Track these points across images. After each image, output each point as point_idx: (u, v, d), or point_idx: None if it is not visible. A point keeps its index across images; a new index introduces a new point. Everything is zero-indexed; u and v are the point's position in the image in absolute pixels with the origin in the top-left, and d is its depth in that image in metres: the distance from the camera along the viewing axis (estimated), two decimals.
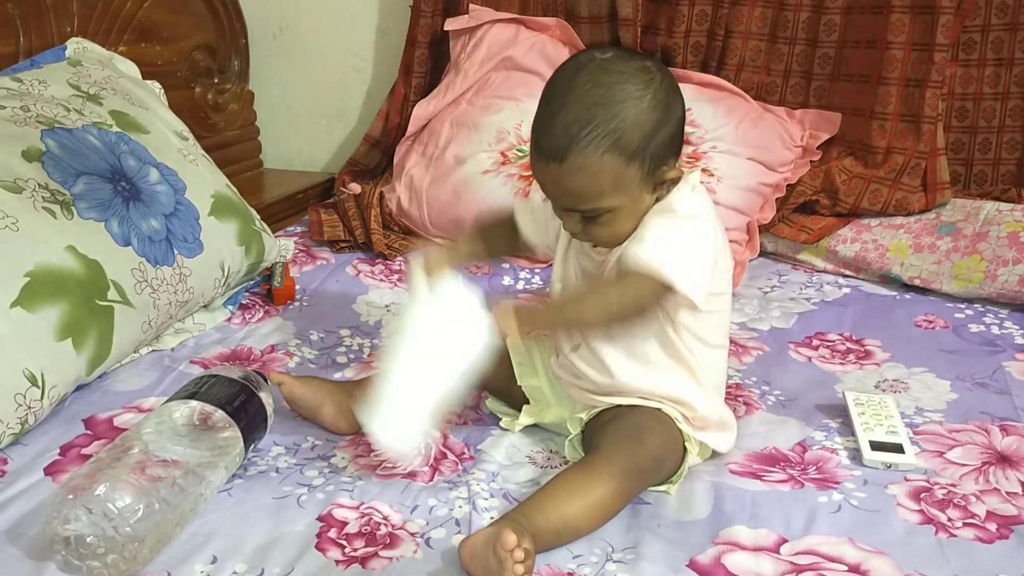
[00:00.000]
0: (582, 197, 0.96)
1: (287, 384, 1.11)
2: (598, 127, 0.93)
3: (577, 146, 0.93)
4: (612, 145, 0.93)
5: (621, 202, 0.97)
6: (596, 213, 0.97)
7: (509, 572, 0.80)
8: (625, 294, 0.96)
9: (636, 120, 0.94)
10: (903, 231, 1.66)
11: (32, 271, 1.11)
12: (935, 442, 1.11)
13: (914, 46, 1.70)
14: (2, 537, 0.91)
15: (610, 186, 0.95)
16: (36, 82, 1.38)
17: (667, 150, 0.98)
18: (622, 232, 1.00)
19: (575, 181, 0.95)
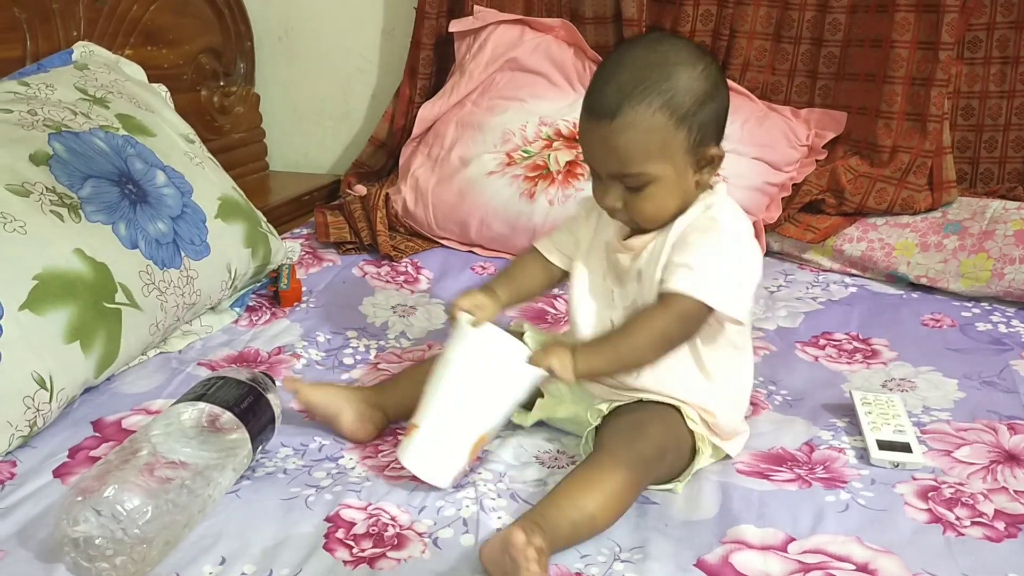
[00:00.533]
0: (630, 158, 0.97)
1: (303, 392, 1.11)
2: (651, 86, 0.95)
3: (629, 102, 0.95)
4: (664, 104, 0.95)
5: (666, 171, 0.97)
6: (641, 182, 0.98)
7: (524, 570, 0.80)
8: (674, 323, 0.97)
9: (688, 84, 0.96)
10: (909, 230, 1.66)
11: (40, 274, 1.12)
12: (943, 441, 1.10)
13: (919, 45, 1.69)
14: (12, 539, 0.92)
15: (657, 148, 0.96)
16: (43, 86, 1.38)
17: (713, 126, 1.00)
18: (665, 209, 1.00)
19: (625, 138, 0.96)
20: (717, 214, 1.01)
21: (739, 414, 1.08)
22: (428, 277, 1.67)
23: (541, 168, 1.73)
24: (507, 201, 1.72)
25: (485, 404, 0.99)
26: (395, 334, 1.44)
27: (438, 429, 0.99)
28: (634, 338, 0.98)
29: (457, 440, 0.98)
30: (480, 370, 0.99)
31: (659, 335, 0.97)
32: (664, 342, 0.98)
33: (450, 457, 0.98)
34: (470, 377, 0.99)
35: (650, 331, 0.97)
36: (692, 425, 1.02)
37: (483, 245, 1.78)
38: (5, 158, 1.19)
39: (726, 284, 0.97)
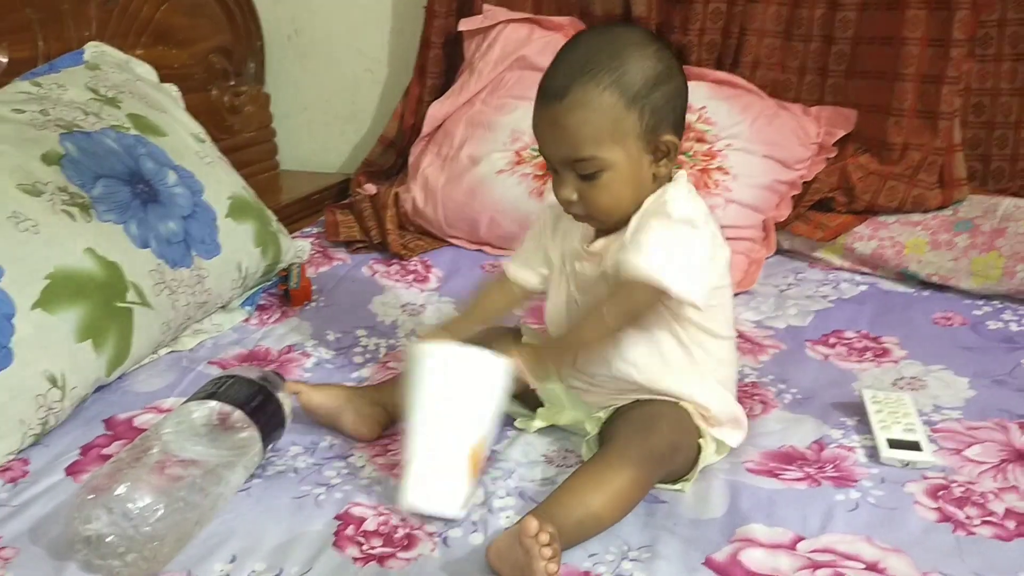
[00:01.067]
0: (580, 139, 0.96)
1: (304, 393, 1.12)
2: (600, 64, 0.95)
3: (579, 81, 0.95)
4: (613, 83, 0.94)
5: (619, 157, 0.97)
6: (594, 168, 0.97)
7: (537, 558, 0.80)
8: (620, 306, 0.97)
9: (639, 65, 0.96)
10: (920, 228, 1.65)
11: (52, 273, 1.12)
12: (953, 439, 1.10)
13: (930, 42, 1.69)
14: (24, 537, 0.93)
15: (608, 130, 0.95)
16: (55, 86, 1.39)
17: (668, 112, 0.98)
18: (620, 199, 0.99)
19: (575, 118, 0.95)
20: (667, 198, 0.99)
21: (729, 396, 1.08)
22: (438, 276, 1.68)
23: None
24: (516, 200, 1.72)
25: (461, 417, 0.96)
26: (405, 333, 1.44)
27: (428, 458, 0.95)
28: (580, 328, 1.00)
29: (449, 462, 0.95)
30: (445, 384, 0.96)
31: (601, 321, 0.98)
32: (608, 325, 0.98)
33: (450, 482, 0.95)
34: (437, 396, 0.96)
35: (595, 319, 0.98)
36: (697, 421, 1.02)
37: (492, 244, 1.78)
38: (17, 158, 1.20)
39: (673, 263, 0.95)
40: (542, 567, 0.80)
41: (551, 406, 1.11)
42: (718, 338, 1.05)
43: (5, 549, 0.91)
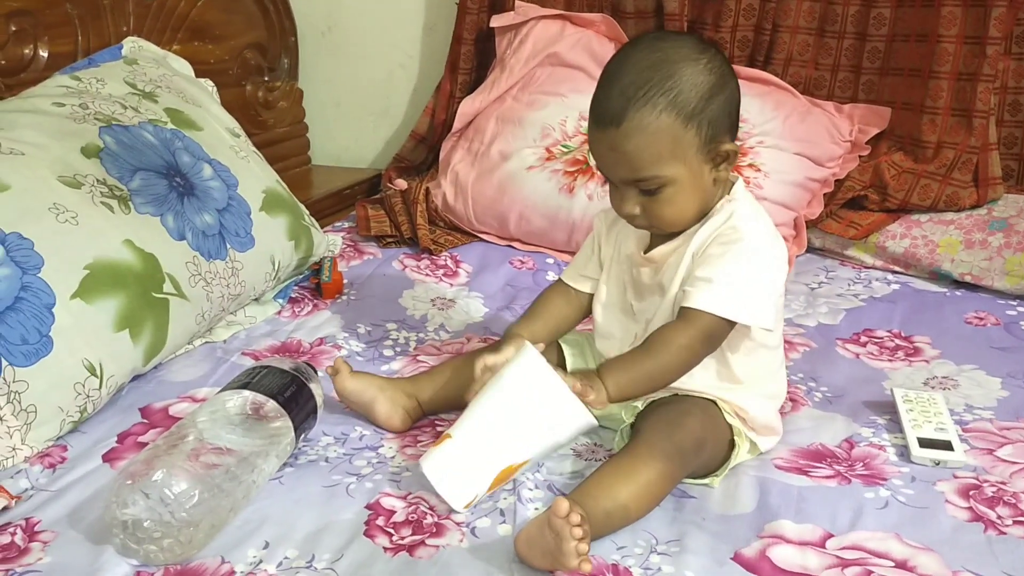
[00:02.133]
0: (640, 162, 0.96)
1: (341, 376, 1.12)
2: (655, 86, 0.94)
3: (634, 106, 0.94)
4: (669, 104, 0.94)
5: (680, 172, 0.97)
6: (656, 185, 0.97)
7: (568, 539, 0.81)
8: (697, 339, 0.97)
9: (692, 81, 0.95)
10: (953, 227, 1.64)
11: (91, 264, 1.14)
12: (985, 439, 1.09)
13: (966, 39, 1.67)
14: (63, 521, 0.95)
15: (668, 150, 0.95)
16: (94, 80, 1.41)
17: (724, 120, 0.98)
18: (685, 211, 1.00)
19: (633, 143, 0.95)
20: (738, 223, 0.99)
21: (773, 410, 1.08)
22: (467, 271, 1.69)
23: (580, 163, 1.74)
24: (546, 196, 1.73)
25: (522, 436, 0.95)
26: (434, 327, 1.45)
27: (466, 447, 0.96)
28: (660, 357, 0.97)
29: (482, 465, 0.95)
30: (526, 400, 0.95)
31: (685, 353, 0.97)
32: (690, 358, 0.98)
33: (472, 479, 0.95)
34: (513, 404, 0.95)
35: (677, 349, 0.97)
36: (730, 419, 1.02)
37: (522, 239, 1.79)
38: (58, 150, 1.22)
39: (749, 296, 0.97)
40: (573, 547, 0.81)
41: None
42: (769, 348, 1.06)
43: (44, 533, 0.93)
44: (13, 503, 0.97)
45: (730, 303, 0.96)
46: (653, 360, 0.97)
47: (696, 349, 0.98)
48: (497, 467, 0.95)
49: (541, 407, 0.94)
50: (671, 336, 0.97)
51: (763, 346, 1.04)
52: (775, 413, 1.08)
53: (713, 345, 0.99)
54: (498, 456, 0.95)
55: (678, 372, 0.99)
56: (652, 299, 1.05)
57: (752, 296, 0.97)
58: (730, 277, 0.96)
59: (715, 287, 0.96)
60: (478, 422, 0.97)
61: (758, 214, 1.03)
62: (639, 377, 0.97)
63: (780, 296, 1.06)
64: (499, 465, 0.95)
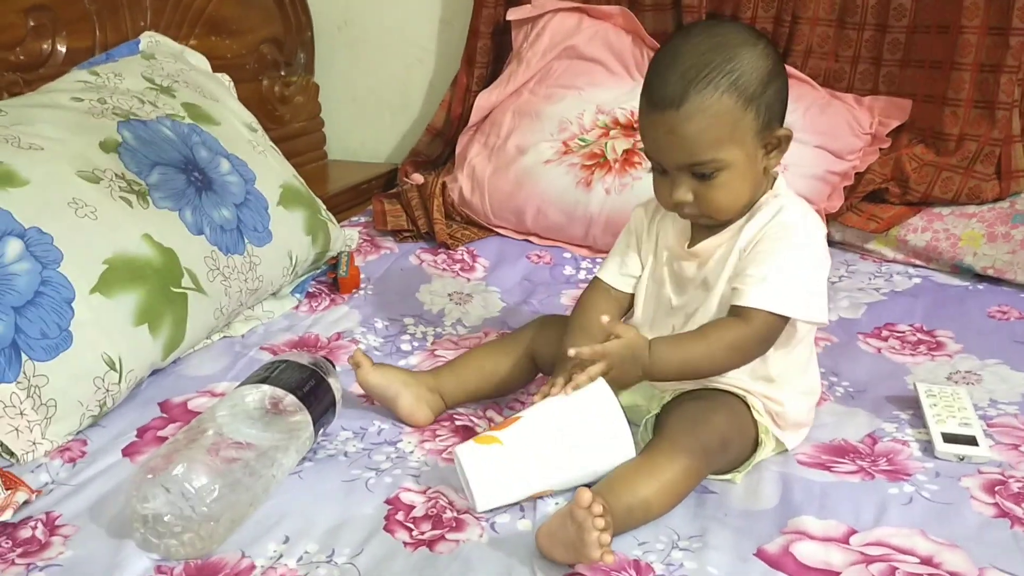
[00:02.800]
0: (700, 145, 0.95)
1: (364, 369, 1.11)
2: (716, 68, 0.94)
3: (695, 87, 0.94)
4: (731, 85, 0.94)
5: (737, 156, 0.96)
6: (713, 168, 0.96)
7: (590, 529, 0.80)
8: (753, 338, 0.96)
9: (753, 64, 0.95)
10: (976, 220, 1.62)
11: (110, 259, 1.15)
12: (1010, 435, 1.08)
13: (989, 30, 1.65)
14: (83, 515, 0.95)
15: (728, 132, 0.95)
16: (112, 75, 1.42)
17: (778, 107, 0.99)
18: (739, 198, 0.99)
19: (694, 125, 0.94)
20: (786, 218, 0.99)
21: (808, 406, 1.07)
22: (484, 265, 1.68)
23: (598, 157, 1.73)
24: (564, 190, 1.72)
25: (571, 467, 0.95)
26: (451, 321, 1.45)
27: (518, 459, 0.94)
28: (712, 349, 0.97)
29: (525, 480, 0.94)
30: (589, 435, 0.95)
31: (738, 350, 0.97)
32: (741, 356, 0.98)
33: (508, 489, 0.94)
34: (571, 431, 0.95)
35: (729, 345, 0.96)
36: (757, 416, 1.01)
37: (539, 234, 1.78)
38: (77, 145, 1.22)
39: (805, 292, 0.97)
40: (595, 538, 0.80)
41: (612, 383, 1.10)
42: (805, 343, 1.05)
43: (65, 527, 0.93)
44: (34, 497, 0.97)
45: (787, 299, 0.96)
46: (704, 350, 0.97)
47: (749, 348, 0.97)
48: (536, 488, 0.95)
49: (600, 447, 0.95)
50: (727, 331, 0.97)
51: (801, 342, 1.03)
52: (809, 409, 1.07)
53: (768, 344, 0.98)
54: (540, 479, 0.95)
55: (724, 368, 0.99)
56: (695, 294, 1.04)
57: (808, 291, 0.97)
58: (784, 273, 0.96)
59: (770, 284, 0.95)
60: (534, 439, 0.96)
61: (806, 209, 1.02)
62: (685, 361, 0.97)
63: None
64: (538, 487, 0.95)
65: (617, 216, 1.63)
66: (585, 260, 1.69)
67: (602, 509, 0.82)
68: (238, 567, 0.87)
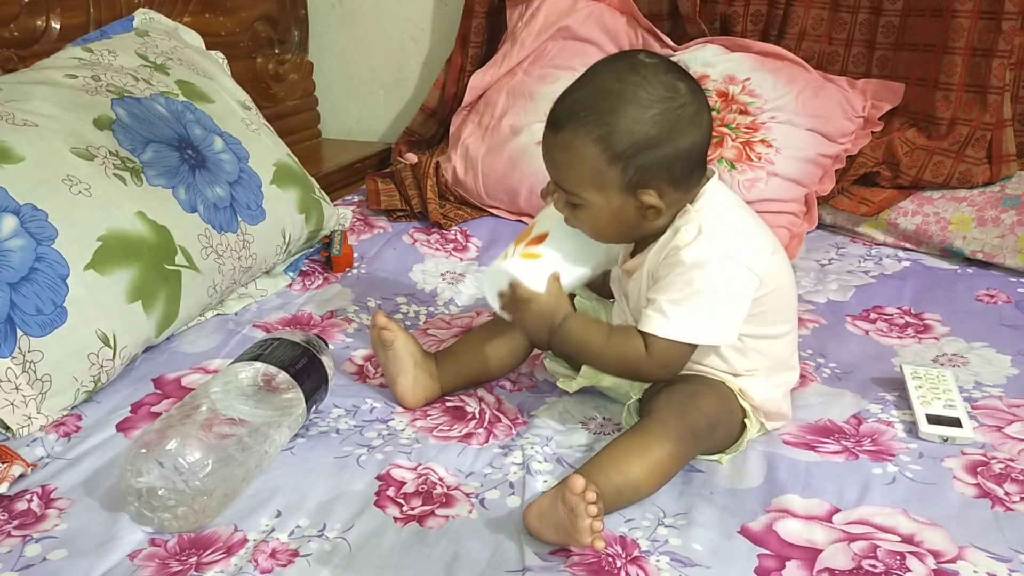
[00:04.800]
0: (563, 176, 0.99)
1: (391, 332, 1.11)
2: (594, 115, 0.94)
3: (571, 124, 0.95)
4: (599, 138, 0.94)
5: (599, 201, 0.98)
6: (576, 202, 0.99)
7: (583, 516, 0.81)
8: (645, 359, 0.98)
9: (630, 126, 0.93)
10: (966, 204, 1.63)
11: (104, 235, 1.15)
12: (994, 417, 1.10)
13: (981, 14, 1.65)
14: (78, 488, 0.96)
15: (588, 178, 0.97)
16: (106, 52, 1.41)
17: (657, 173, 0.96)
18: (604, 233, 1.02)
19: (560, 156, 0.98)
20: (678, 242, 0.97)
21: (780, 396, 1.07)
22: (477, 245, 1.69)
23: None
24: None
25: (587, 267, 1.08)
26: (444, 301, 1.46)
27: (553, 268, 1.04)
28: (606, 351, 1.00)
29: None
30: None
31: (629, 363, 0.99)
32: (631, 370, 1.00)
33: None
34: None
35: (623, 356, 0.99)
36: (742, 401, 1.02)
37: (532, 214, 1.78)
38: (71, 122, 1.22)
39: (700, 317, 0.96)
40: (587, 524, 0.81)
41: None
42: (774, 338, 1.05)
43: (60, 500, 0.94)
44: (29, 471, 0.98)
45: (675, 326, 0.95)
46: (601, 347, 1.00)
47: (641, 367, 0.98)
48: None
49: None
50: (628, 344, 0.98)
51: (767, 338, 1.04)
52: (783, 398, 1.08)
53: (668, 369, 0.99)
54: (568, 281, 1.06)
55: (610, 372, 1.03)
56: (623, 306, 1.09)
57: (702, 316, 0.96)
58: (677, 301, 0.95)
59: (662, 315, 0.96)
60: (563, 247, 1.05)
61: (704, 227, 0.97)
62: (583, 347, 1.01)
63: (784, 287, 1.05)
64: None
65: None
66: None
67: (595, 496, 0.83)
68: (231, 540, 0.88)
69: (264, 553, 0.86)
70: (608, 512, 0.90)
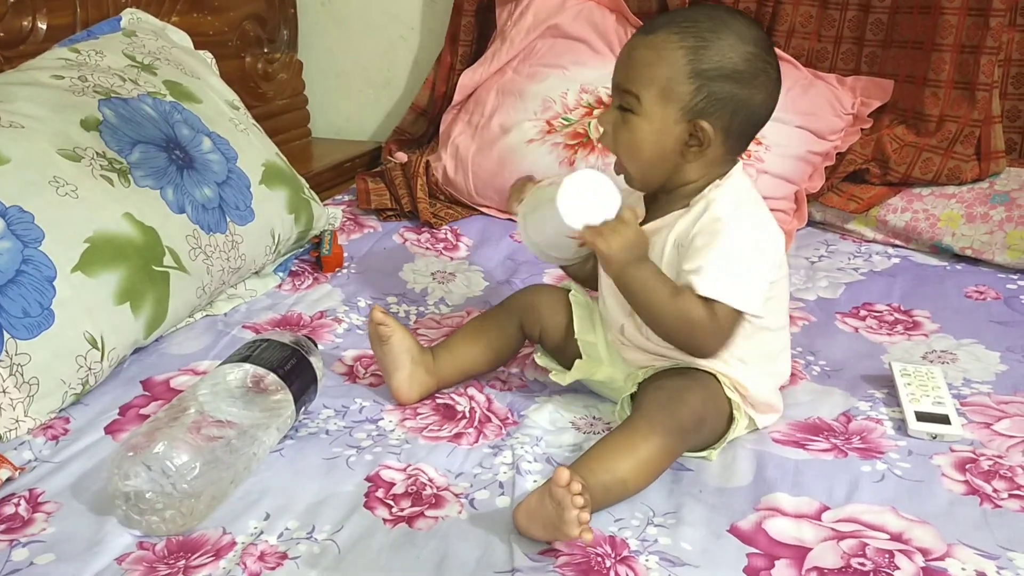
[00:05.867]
0: (634, 76, 0.99)
1: (388, 327, 1.10)
2: (694, 27, 0.97)
3: (667, 28, 0.98)
4: (690, 48, 0.96)
5: (656, 112, 0.98)
6: (630, 102, 0.99)
7: (569, 508, 0.81)
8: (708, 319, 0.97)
9: (724, 50, 0.97)
10: (955, 200, 1.63)
11: (91, 237, 1.15)
12: (982, 413, 1.10)
13: (969, 11, 1.66)
14: (66, 492, 0.95)
15: (660, 84, 0.97)
16: (93, 52, 1.41)
17: (722, 111, 0.98)
18: (639, 151, 1.00)
19: (641, 55, 0.98)
20: (718, 212, 0.98)
21: (773, 387, 1.08)
22: (467, 244, 1.69)
23: (581, 136, 1.73)
24: (547, 169, 1.72)
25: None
26: (434, 300, 1.46)
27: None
28: (669, 308, 0.97)
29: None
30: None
31: (690, 324, 0.97)
32: (683, 330, 0.98)
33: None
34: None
35: (686, 317, 0.97)
36: (730, 393, 1.02)
37: None
38: (57, 123, 1.22)
39: (756, 289, 0.97)
40: (574, 516, 0.81)
41: (588, 359, 1.11)
42: (771, 330, 1.06)
43: (48, 504, 0.94)
44: (17, 474, 0.98)
45: (743, 297, 0.96)
46: (665, 300, 0.97)
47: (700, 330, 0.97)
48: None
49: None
50: (694, 306, 0.97)
51: (764, 329, 1.04)
52: (774, 391, 1.09)
53: (720, 336, 0.98)
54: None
55: (662, 329, 0.99)
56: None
57: (739, 281, 0.97)
58: (715, 260, 0.96)
59: (703, 272, 0.96)
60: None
61: (741, 202, 1.01)
62: (647, 294, 0.98)
63: (785, 279, 1.06)
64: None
65: None
66: None
67: (581, 488, 0.83)
68: (219, 543, 0.88)
69: (252, 556, 0.86)
70: (597, 510, 0.90)
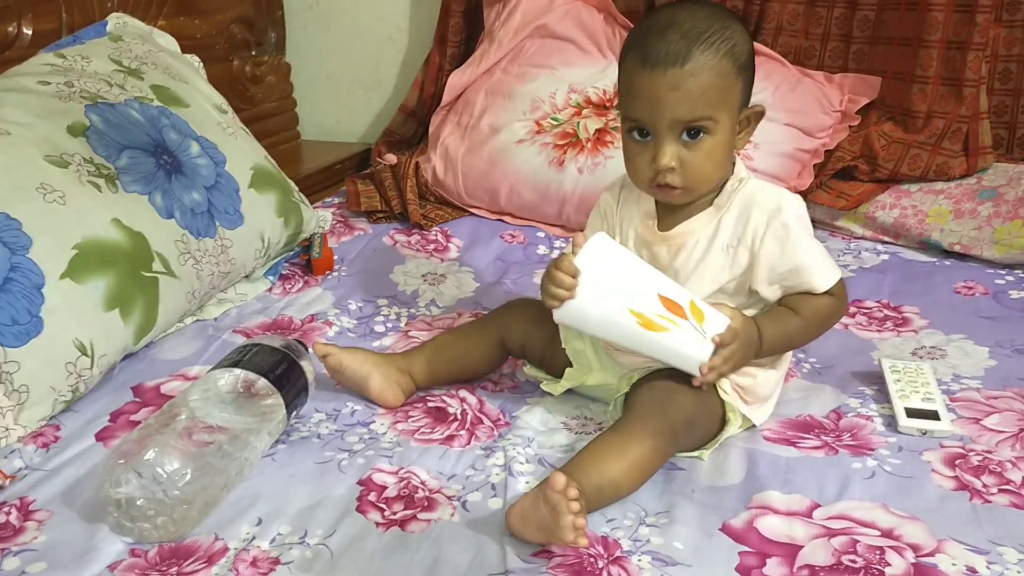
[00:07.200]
0: (702, 101, 0.97)
1: (334, 355, 1.12)
2: (716, 33, 0.98)
3: (699, 47, 0.97)
4: (729, 51, 0.98)
5: (725, 122, 0.99)
6: (706, 127, 0.98)
7: (565, 513, 0.81)
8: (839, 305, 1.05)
9: (743, 37, 1.00)
10: (943, 197, 1.64)
11: (80, 244, 1.14)
12: (972, 409, 1.10)
13: (956, 7, 1.66)
14: (57, 500, 0.95)
15: (723, 95, 0.99)
16: (79, 58, 1.40)
17: (750, 90, 1.03)
18: (716, 168, 1.01)
19: (698, 82, 0.96)
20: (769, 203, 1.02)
21: (776, 378, 1.08)
22: (458, 245, 1.69)
23: (570, 136, 1.73)
24: (536, 169, 1.72)
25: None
26: (425, 302, 1.46)
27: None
28: (807, 323, 1.03)
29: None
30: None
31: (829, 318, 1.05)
32: (827, 326, 1.06)
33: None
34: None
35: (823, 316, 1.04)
36: (723, 395, 1.02)
37: (513, 213, 1.78)
38: (44, 129, 1.21)
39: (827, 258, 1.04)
40: (570, 521, 0.81)
41: (579, 367, 1.11)
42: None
43: (39, 512, 0.93)
44: (7, 483, 0.97)
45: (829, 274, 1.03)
46: (800, 324, 1.03)
47: (835, 315, 1.05)
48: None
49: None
50: (819, 304, 1.03)
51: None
52: (777, 382, 1.09)
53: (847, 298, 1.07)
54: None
55: (813, 338, 1.08)
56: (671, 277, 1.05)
57: (827, 257, 1.04)
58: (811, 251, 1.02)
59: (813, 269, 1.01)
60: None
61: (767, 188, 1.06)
62: (788, 337, 1.04)
63: None
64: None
65: (590, 195, 1.64)
66: (559, 239, 1.70)
67: (576, 492, 0.83)
68: (211, 549, 0.87)
69: (245, 561, 0.86)
70: (589, 511, 0.89)
